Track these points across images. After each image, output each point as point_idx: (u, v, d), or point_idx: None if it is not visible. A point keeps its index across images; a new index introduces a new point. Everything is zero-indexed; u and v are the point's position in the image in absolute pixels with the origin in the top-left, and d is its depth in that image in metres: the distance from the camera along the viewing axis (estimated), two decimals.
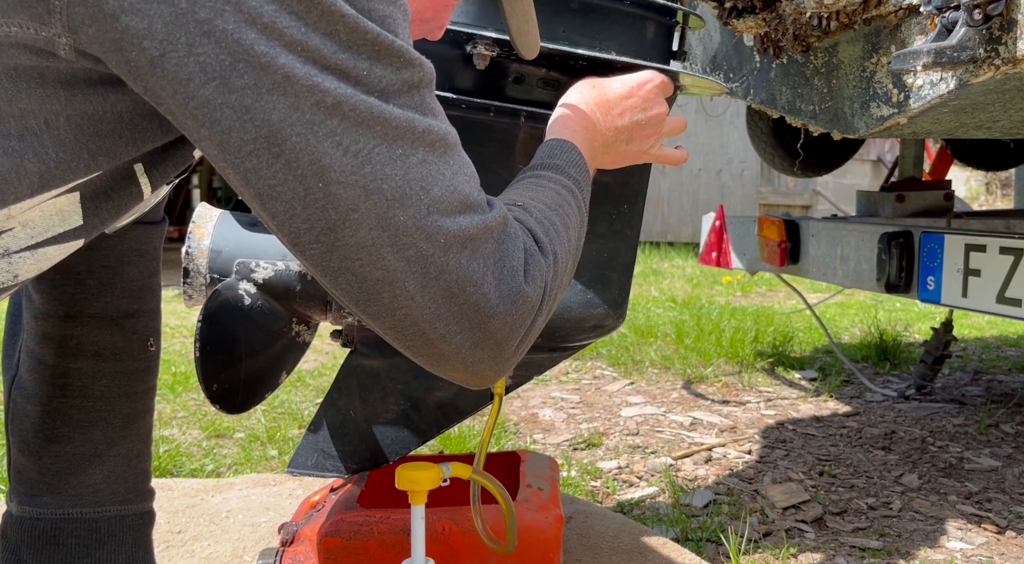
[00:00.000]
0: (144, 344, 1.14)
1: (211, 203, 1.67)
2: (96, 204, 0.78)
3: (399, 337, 0.74)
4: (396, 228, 0.69)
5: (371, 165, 0.68)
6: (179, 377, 3.02)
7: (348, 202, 0.67)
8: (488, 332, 0.74)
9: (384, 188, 0.68)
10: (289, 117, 0.65)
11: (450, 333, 0.73)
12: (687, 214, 9.16)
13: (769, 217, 2.75)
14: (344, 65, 0.67)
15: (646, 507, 1.95)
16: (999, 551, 1.76)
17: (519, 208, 0.83)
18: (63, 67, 0.67)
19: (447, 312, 0.72)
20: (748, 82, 2.16)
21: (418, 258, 0.70)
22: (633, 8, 1.20)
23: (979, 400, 2.97)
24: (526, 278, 0.77)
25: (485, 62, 1.10)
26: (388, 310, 0.72)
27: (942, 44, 1.33)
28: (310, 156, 0.66)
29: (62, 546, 1.08)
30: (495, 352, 0.76)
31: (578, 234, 0.90)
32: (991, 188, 11.46)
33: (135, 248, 1.12)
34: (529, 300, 0.76)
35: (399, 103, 0.70)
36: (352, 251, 0.69)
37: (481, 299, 0.73)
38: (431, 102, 0.73)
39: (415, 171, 0.70)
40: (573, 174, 0.93)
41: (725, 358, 3.44)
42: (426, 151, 0.71)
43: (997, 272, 1.84)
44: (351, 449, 1.40)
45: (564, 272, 0.85)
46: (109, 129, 0.71)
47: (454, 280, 0.72)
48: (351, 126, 0.67)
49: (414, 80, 0.71)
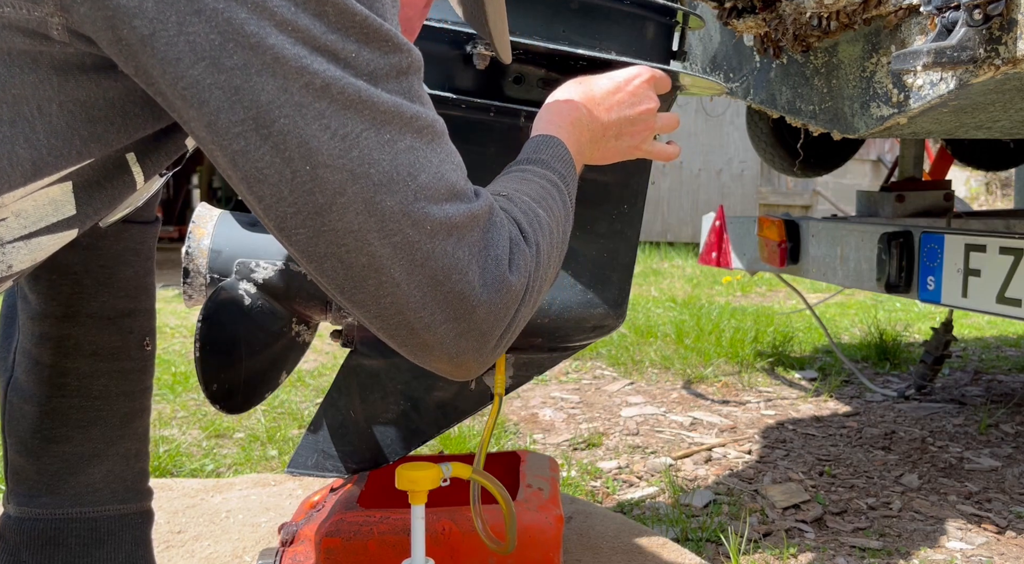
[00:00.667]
0: (140, 344, 1.14)
1: (211, 203, 1.67)
2: (89, 194, 0.77)
3: (384, 326, 0.74)
4: (383, 213, 0.69)
5: (359, 149, 0.67)
6: (179, 377, 3.02)
7: (335, 186, 0.67)
8: (472, 322, 0.74)
9: (371, 173, 0.68)
10: (278, 99, 0.65)
11: (435, 322, 0.73)
12: (687, 214, 9.16)
13: (769, 217, 2.75)
14: (333, 46, 0.67)
15: (646, 507, 1.95)
16: (999, 551, 1.76)
17: (504, 198, 0.83)
18: (56, 51, 0.67)
19: (432, 300, 0.72)
20: (748, 82, 2.17)
21: (404, 244, 0.70)
22: (633, 8, 1.20)
23: (979, 400, 2.97)
24: (511, 267, 0.76)
25: (485, 62, 1.10)
26: (373, 298, 0.72)
27: (942, 44, 1.33)
28: (298, 138, 0.66)
29: (62, 546, 1.08)
30: (479, 342, 0.75)
31: (562, 228, 0.90)
32: (991, 188, 11.47)
33: (130, 248, 1.12)
34: (513, 289, 0.76)
35: (387, 88, 0.70)
36: (339, 236, 0.69)
37: (466, 287, 0.73)
38: (419, 89, 0.73)
39: (403, 157, 0.70)
40: (559, 168, 0.92)
41: (725, 358, 3.45)
42: (414, 137, 0.71)
43: (997, 272, 1.84)
44: (351, 449, 1.40)
45: (547, 264, 0.84)
46: (101, 116, 0.71)
47: (440, 267, 0.71)
48: (340, 109, 0.67)
49: (402, 65, 0.71)
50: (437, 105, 1.14)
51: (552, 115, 0.99)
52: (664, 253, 8.11)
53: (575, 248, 1.23)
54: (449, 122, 1.16)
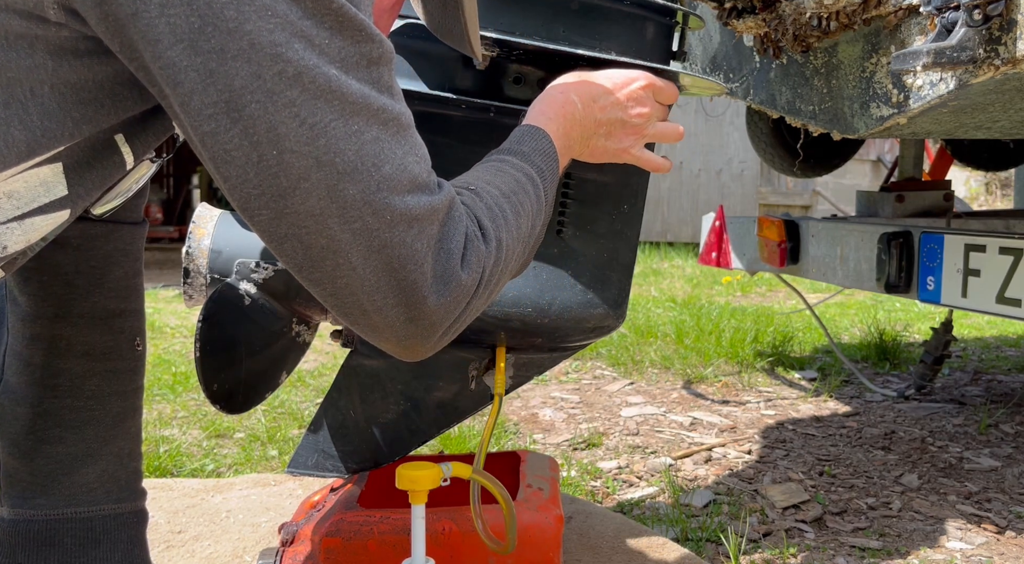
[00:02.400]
0: (131, 343, 1.14)
1: (211, 203, 1.67)
2: (80, 174, 0.79)
3: (337, 305, 0.76)
4: (345, 200, 0.71)
5: (326, 138, 0.69)
6: (179, 377, 3.02)
7: (300, 171, 0.69)
8: (422, 311, 0.76)
9: (336, 161, 0.70)
10: (250, 85, 0.67)
11: (386, 306, 0.75)
12: (687, 214, 9.16)
13: (769, 217, 2.75)
14: (308, 32, 0.68)
15: (646, 507, 1.95)
16: (999, 551, 1.76)
17: (470, 192, 0.84)
18: (52, 35, 0.69)
19: (385, 285, 0.74)
20: (748, 82, 2.17)
21: (363, 231, 0.72)
22: (633, 8, 1.20)
23: (979, 400, 2.97)
24: (463, 263, 0.78)
25: (485, 62, 1.10)
26: (329, 278, 0.74)
27: (942, 44, 1.33)
28: (267, 124, 0.67)
29: (58, 546, 1.08)
30: (427, 330, 0.77)
31: (532, 222, 0.90)
32: (991, 188, 11.47)
33: (120, 248, 1.12)
34: (464, 285, 0.78)
35: (358, 76, 0.71)
36: (300, 219, 0.71)
37: (420, 278, 0.75)
38: (388, 80, 0.75)
39: (368, 148, 0.71)
40: (538, 162, 0.93)
41: (725, 358, 3.45)
42: (380, 129, 0.72)
43: (997, 272, 1.84)
44: (351, 449, 1.40)
45: (510, 258, 0.86)
46: (91, 97, 0.73)
47: (395, 256, 0.73)
48: (310, 98, 0.68)
49: (373, 55, 0.73)
50: (437, 105, 1.15)
51: (545, 105, 0.99)
52: (664, 253, 8.11)
53: (575, 248, 1.23)
54: (449, 122, 1.17)
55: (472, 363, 1.31)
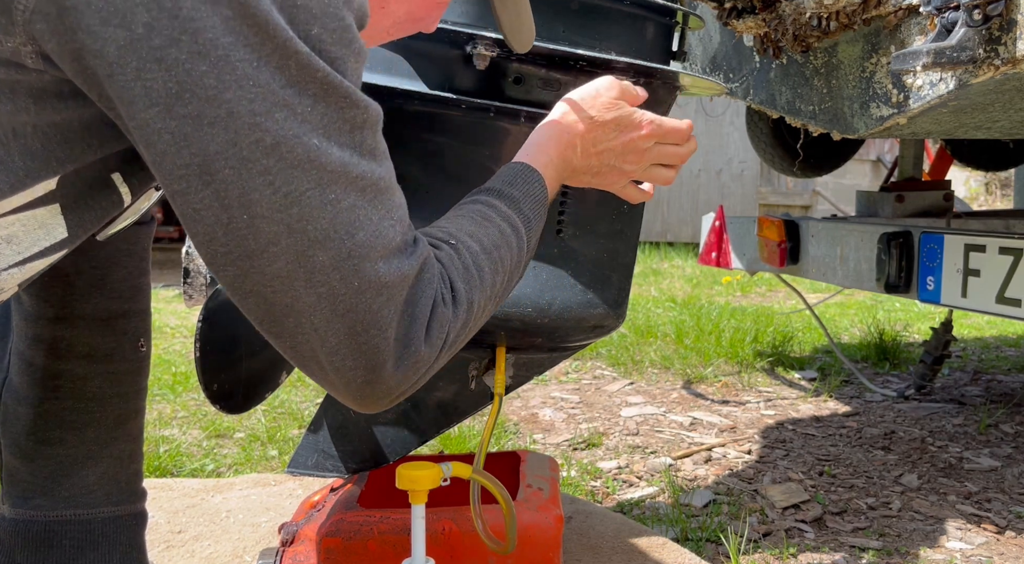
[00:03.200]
0: (135, 345, 1.14)
1: None
2: (78, 215, 0.78)
3: (295, 358, 0.75)
4: (313, 266, 0.70)
5: (299, 207, 0.68)
6: (179, 377, 3.02)
7: (270, 236, 0.68)
8: (380, 376, 0.74)
9: (308, 229, 0.69)
10: (225, 152, 0.66)
11: (345, 367, 0.73)
12: (687, 214, 9.16)
13: (769, 217, 2.75)
14: (290, 101, 0.67)
15: (646, 507, 1.95)
16: (999, 551, 1.76)
17: (449, 247, 0.83)
18: (33, 79, 0.68)
19: (346, 348, 0.73)
20: (748, 82, 2.17)
21: (329, 295, 0.71)
22: (633, 8, 1.20)
23: (979, 400, 2.97)
24: (427, 334, 0.77)
25: (485, 62, 1.10)
26: (290, 335, 0.73)
27: (942, 44, 1.33)
28: (240, 190, 0.67)
29: (56, 548, 1.08)
30: (384, 392, 0.76)
31: (509, 277, 0.89)
32: (991, 188, 11.47)
33: (123, 249, 1.12)
34: (423, 357, 0.77)
35: (340, 142, 0.70)
36: (265, 278, 0.70)
37: (382, 343, 0.73)
38: (372, 142, 0.73)
39: (343, 216, 0.70)
40: (526, 210, 0.91)
41: (725, 358, 3.45)
42: (358, 196, 0.71)
43: (996, 272, 1.84)
44: (351, 449, 1.40)
45: (478, 316, 0.85)
46: (76, 137, 0.72)
47: (360, 321, 0.72)
48: (286, 168, 0.67)
49: (357, 120, 0.71)
50: (437, 105, 1.15)
51: (545, 140, 0.97)
52: (664, 253, 8.11)
53: (575, 248, 1.23)
54: (449, 122, 1.17)
55: (472, 363, 1.31)
